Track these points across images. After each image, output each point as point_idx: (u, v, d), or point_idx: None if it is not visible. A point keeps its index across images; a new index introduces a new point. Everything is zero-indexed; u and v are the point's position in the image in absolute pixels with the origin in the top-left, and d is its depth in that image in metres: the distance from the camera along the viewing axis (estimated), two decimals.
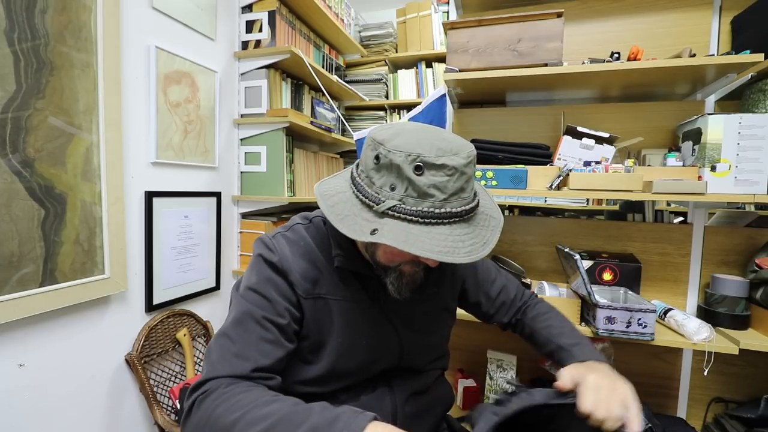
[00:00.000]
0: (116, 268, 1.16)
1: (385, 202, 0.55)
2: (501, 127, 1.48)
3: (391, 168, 0.55)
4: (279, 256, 0.66)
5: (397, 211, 0.54)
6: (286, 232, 0.71)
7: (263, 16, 1.64)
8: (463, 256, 0.53)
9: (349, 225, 0.56)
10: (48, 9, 0.97)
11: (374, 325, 0.71)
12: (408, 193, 0.54)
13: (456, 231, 0.55)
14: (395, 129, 0.59)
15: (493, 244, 0.57)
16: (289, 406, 0.53)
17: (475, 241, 0.56)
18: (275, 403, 0.54)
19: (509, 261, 1.32)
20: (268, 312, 0.64)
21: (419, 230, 0.54)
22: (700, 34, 1.29)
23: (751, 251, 1.23)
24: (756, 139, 1.02)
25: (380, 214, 0.56)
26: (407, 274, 0.64)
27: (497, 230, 0.60)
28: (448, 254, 0.52)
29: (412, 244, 0.52)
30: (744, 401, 1.24)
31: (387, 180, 0.56)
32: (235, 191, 1.71)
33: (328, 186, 0.65)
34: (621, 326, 1.05)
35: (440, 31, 2.45)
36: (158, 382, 1.29)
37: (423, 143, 0.55)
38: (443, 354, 0.84)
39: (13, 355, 0.95)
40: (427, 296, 0.75)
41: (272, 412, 0.52)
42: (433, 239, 0.53)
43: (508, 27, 1.17)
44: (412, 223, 0.54)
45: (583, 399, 0.58)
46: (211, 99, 1.52)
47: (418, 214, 0.54)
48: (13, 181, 0.91)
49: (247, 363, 0.60)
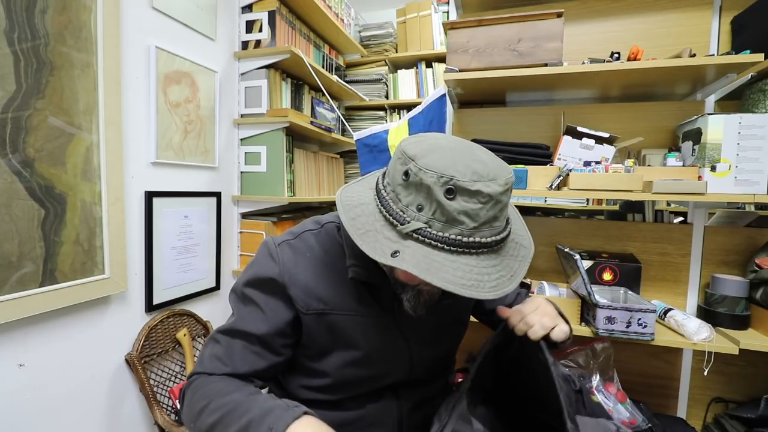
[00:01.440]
0: (116, 268, 1.16)
1: (411, 224, 0.51)
2: (501, 127, 1.48)
3: (420, 187, 0.51)
4: (280, 268, 0.64)
5: (422, 235, 0.51)
6: (293, 240, 0.68)
7: (263, 16, 1.64)
8: (487, 291, 0.50)
9: (370, 243, 0.52)
10: (48, 9, 0.97)
11: (386, 337, 0.68)
12: (436, 216, 0.50)
13: (483, 263, 0.51)
14: (429, 144, 0.54)
15: (521, 277, 0.53)
16: (242, 396, 0.58)
17: (502, 274, 0.52)
18: (233, 393, 0.59)
19: None
20: (256, 325, 0.64)
21: (443, 258, 0.50)
22: (700, 34, 1.29)
23: (751, 251, 1.23)
24: (756, 139, 1.02)
25: (404, 235, 0.52)
26: (426, 293, 0.62)
27: (526, 261, 0.56)
28: (472, 288, 0.49)
29: (434, 274, 0.48)
30: (744, 401, 1.24)
31: (415, 199, 0.52)
32: (235, 191, 1.71)
33: (351, 194, 0.61)
34: (621, 326, 1.05)
35: (440, 31, 2.45)
36: (158, 382, 1.29)
37: (458, 164, 0.50)
38: (450, 363, 0.83)
39: (13, 355, 0.95)
40: (441, 308, 0.72)
41: (228, 402, 0.57)
42: (457, 270, 0.49)
43: (508, 27, 1.17)
44: (437, 249, 0.50)
45: (510, 317, 0.69)
46: (211, 99, 1.52)
47: (445, 241, 0.50)
48: (13, 181, 0.91)
49: (225, 367, 0.63)
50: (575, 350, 1.27)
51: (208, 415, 0.57)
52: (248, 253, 1.72)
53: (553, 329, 0.66)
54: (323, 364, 0.67)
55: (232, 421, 0.55)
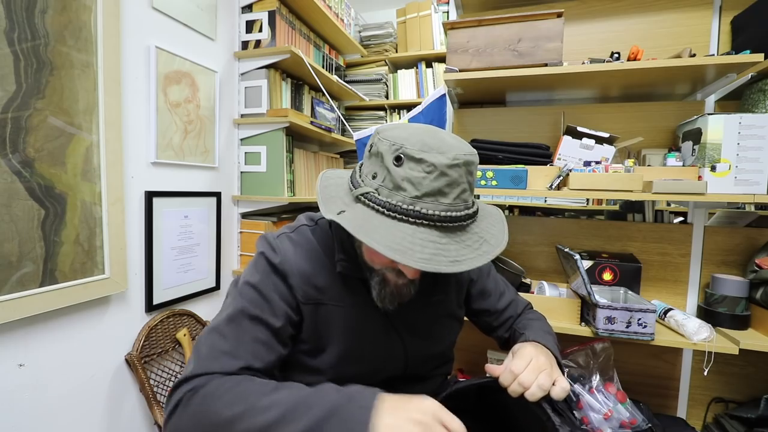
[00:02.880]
0: (116, 268, 1.16)
1: (361, 187, 0.55)
2: (501, 127, 1.48)
3: (377, 156, 0.55)
4: (281, 257, 0.65)
5: (368, 199, 0.54)
6: (291, 233, 0.69)
7: (263, 16, 1.64)
8: (416, 260, 0.48)
9: (327, 204, 0.56)
10: (48, 9, 0.97)
11: (379, 332, 0.68)
12: (385, 183, 0.53)
13: (421, 234, 0.50)
14: (401, 125, 0.58)
15: (468, 266, 0.50)
16: (297, 391, 0.52)
17: (442, 253, 0.50)
18: (281, 390, 0.53)
19: (509, 261, 1.32)
20: (264, 312, 0.61)
21: (380, 222, 0.51)
22: (700, 34, 1.29)
23: (751, 251, 1.23)
24: (756, 139, 1.02)
25: (355, 198, 0.56)
26: (390, 284, 0.61)
27: (485, 256, 0.53)
28: (398, 252, 0.48)
29: (364, 233, 0.49)
30: (744, 401, 1.24)
31: (372, 168, 0.56)
32: (235, 191, 1.71)
33: (334, 173, 0.65)
34: (621, 326, 1.05)
35: (440, 31, 2.45)
36: (158, 382, 1.29)
37: (413, 137, 0.53)
38: (448, 360, 0.82)
39: (13, 355, 0.95)
40: (433, 303, 0.73)
41: (278, 400, 0.51)
42: (389, 234, 0.50)
43: (508, 27, 1.17)
44: (378, 213, 0.52)
45: (501, 377, 0.62)
46: (211, 99, 1.52)
47: (386, 206, 0.52)
48: (13, 181, 0.91)
49: (237, 361, 0.57)
50: (575, 350, 1.27)
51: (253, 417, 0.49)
52: (248, 253, 1.72)
53: (553, 387, 0.59)
54: (318, 361, 0.67)
55: (295, 418, 0.48)
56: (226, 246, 1.65)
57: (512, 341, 0.80)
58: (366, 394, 0.51)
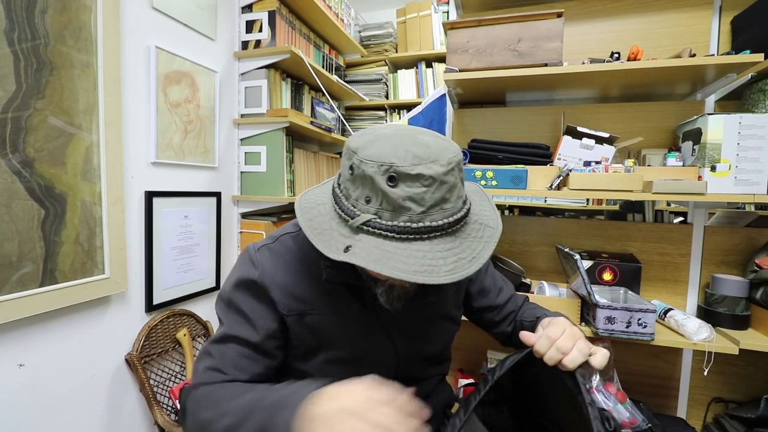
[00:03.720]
0: (116, 268, 1.16)
1: (360, 217, 0.51)
2: (501, 127, 1.48)
3: (365, 179, 0.51)
4: (260, 271, 0.64)
5: (372, 226, 0.51)
6: (272, 243, 0.68)
7: (263, 16, 1.64)
8: (443, 275, 0.48)
9: (325, 241, 0.53)
10: (48, 9, 0.97)
11: (369, 336, 0.68)
12: (383, 206, 0.50)
13: (437, 247, 0.50)
14: (372, 135, 0.54)
15: (484, 258, 0.51)
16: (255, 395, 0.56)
17: (460, 257, 0.50)
18: (244, 395, 0.57)
19: (509, 261, 1.32)
20: (245, 331, 0.64)
21: (394, 247, 0.49)
22: (700, 34, 1.29)
23: (751, 251, 1.23)
24: (756, 139, 1.02)
25: (355, 229, 0.52)
26: (398, 287, 0.61)
27: (492, 242, 0.53)
28: (426, 274, 0.47)
29: (384, 264, 0.47)
30: (744, 401, 1.24)
31: (362, 192, 0.52)
32: (235, 191, 1.71)
33: (310, 197, 0.61)
34: (621, 326, 1.05)
35: (440, 31, 2.45)
36: (158, 382, 1.29)
37: (398, 150, 0.50)
38: (444, 360, 0.82)
39: (13, 355, 0.95)
40: (426, 304, 0.72)
41: (237, 406, 0.55)
42: (409, 257, 0.48)
43: (508, 27, 1.17)
44: (387, 239, 0.50)
45: (537, 343, 0.60)
46: (211, 99, 1.52)
47: (394, 229, 0.50)
48: (13, 181, 0.91)
49: (223, 375, 0.62)
50: None
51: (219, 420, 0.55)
52: None
53: (593, 356, 0.59)
54: (309, 366, 0.67)
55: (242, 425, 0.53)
56: (226, 246, 1.65)
57: (515, 334, 0.80)
58: (301, 394, 0.51)
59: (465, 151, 1.29)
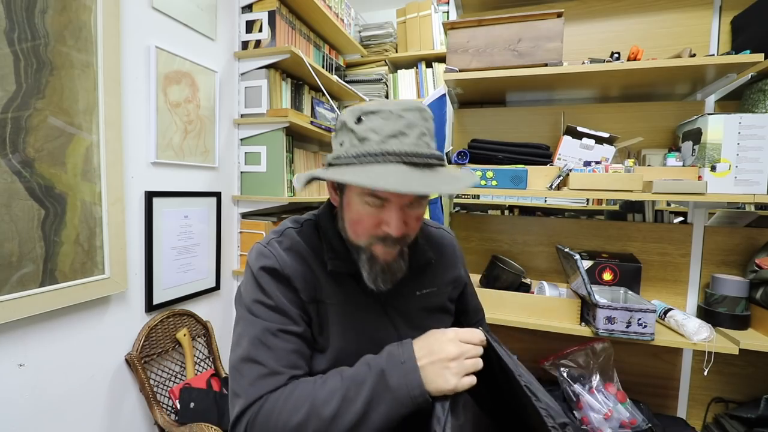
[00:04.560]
0: (116, 268, 1.16)
1: (333, 154, 0.61)
2: (501, 127, 1.48)
3: (343, 127, 0.60)
4: (280, 262, 0.64)
5: (339, 160, 0.58)
6: (279, 237, 0.69)
7: (263, 16, 1.64)
8: (390, 183, 0.50)
9: (303, 177, 0.60)
10: (48, 9, 0.97)
11: (374, 325, 0.69)
12: (352, 143, 0.58)
13: (393, 168, 0.54)
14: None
15: (441, 190, 0.56)
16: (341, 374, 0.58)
17: (414, 180, 0.53)
18: (328, 381, 0.57)
19: (509, 261, 1.32)
20: (285, 323, 0.62)
21: (354, 169, 0.55)
22: (700, 34, 1.29)
23: (751, 251, 1.23)
24: (756, 139, 1.02)
25: (327, 165, 0.61)
26: (380, 260, 0.62)
27: (458, 183, 0.57)
28: (372, 180, 0.51)
29: (340, 176, 0.54)
30: (744, 401, 1.24)
31: (340, 139, 0.61)
32: (235, 191, 1.71)
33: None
34: (621, 326, 1.05)
35: (440, 31, 2.45)
36: (158, 382, 1.29)
37: (373, 103, 0.58)
38: None
39: (13, 355, 0.95)
40: (425, 295, 0.75)
41: (333, 388, 0.56)
42: (363, 172, 0.54)
43: (508, 27, 1.17)
44: (350, 165, 0.56)
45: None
46: (211, 99, 1.52)
47: (355, 156, 0.56)
48: (13, 181, 0.91)
49: (281, 377, 0.59)
50: (575, 350, 1.27)
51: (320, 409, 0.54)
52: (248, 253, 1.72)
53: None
54: (322, 356, 0.67)
55: (355, 394, 0.54)
56: (226, 246, 1.65)
57: None
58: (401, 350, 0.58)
59: (465, 151, 1.29)
